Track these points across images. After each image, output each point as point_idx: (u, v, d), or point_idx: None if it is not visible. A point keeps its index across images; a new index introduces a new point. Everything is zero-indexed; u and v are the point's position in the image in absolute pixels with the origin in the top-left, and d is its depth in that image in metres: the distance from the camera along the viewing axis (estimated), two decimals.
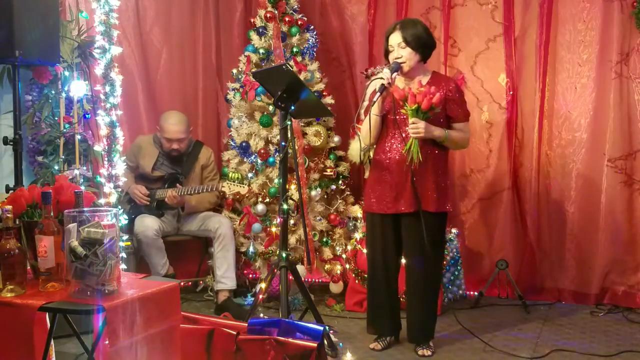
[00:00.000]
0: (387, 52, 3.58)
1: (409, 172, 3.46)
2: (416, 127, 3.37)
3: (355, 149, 3.70)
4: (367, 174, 3.71)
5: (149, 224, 4.27)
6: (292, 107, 3.42)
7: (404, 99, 3.35)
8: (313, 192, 4.51)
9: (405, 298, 3.70)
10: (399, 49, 3.49)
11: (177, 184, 4.42)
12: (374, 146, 3.61)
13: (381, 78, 3.44)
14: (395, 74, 3.47)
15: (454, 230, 4.59)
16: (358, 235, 4.47)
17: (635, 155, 4.41)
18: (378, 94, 3.43)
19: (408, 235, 3.55)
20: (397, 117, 3.49)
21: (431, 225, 3.47)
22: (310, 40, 4.68)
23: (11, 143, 3.83)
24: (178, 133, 4.42)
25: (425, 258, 3.51)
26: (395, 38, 3.50)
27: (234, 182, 4.22)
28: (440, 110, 3.44)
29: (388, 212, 3.55)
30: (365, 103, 3.56)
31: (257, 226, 4.49)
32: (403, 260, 3.71)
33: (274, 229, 4.46)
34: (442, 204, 3.52)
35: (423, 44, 3.50)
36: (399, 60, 3.49)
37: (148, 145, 4.53)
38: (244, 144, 4.59)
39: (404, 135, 3.48)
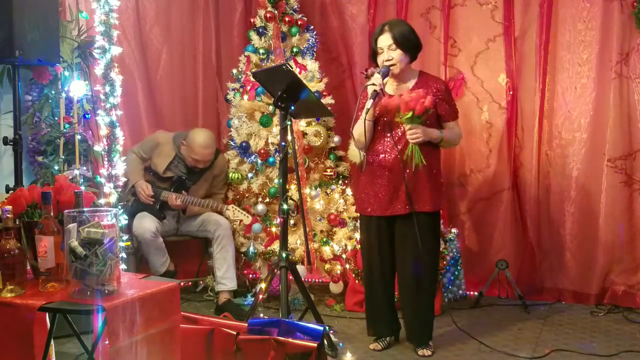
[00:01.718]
0: (374, 55, 3.57)
1: (402, 174, 3.46)
2: (414, 133, 3.37)
3: (355, 150, 3.69)
4: None
5: (146, 227, 4.26)
6: (292, 107, 3.42)
7: (397, 108, 3.34)
8: (313, 192, 4.51)
9: (401, 300, 3.69)
10: (389, 51, 3.48)
11: (183, 190, 4.40)
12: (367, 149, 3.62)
13: (373, 84, 3.44)
14: (386, 78, 3.47)
15: (454, 230, 4.59)
16: (358, 235, 4.47)
17: (635, 155, 4.40)
18: (371, 100, 3.42)
19: (403, 237, 3.55)
20: (389, 119, 3.49)
21: (426, 225, 3.47)
22: (310, 40, 4.68)
23: (11, 143, 3.84)
24: (208, 156, 4.39)
25: (420, 260, 3.50)
26: (385, 40, 3.48)
27: (239, 210, 4.23)
28: (433, 112, 3.45)
29: (384, 215, 3.54)
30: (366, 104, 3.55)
31: (257, 226, 4.49)
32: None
33: (274, 229, 4.46)
34: (437, 203, 3.52)
35: (412, 45, 3.50)
36: (389, 63, 3.48)
37: (166, 144, 4.47)
38: (244, 144, 4.59)
39: (395, 138, 3.48)
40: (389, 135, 3.50)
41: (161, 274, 4.27)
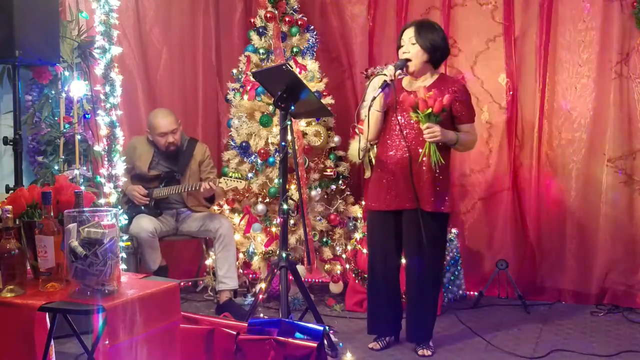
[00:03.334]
0: (399, 47, 3.57)
1: (409, 171, 3.45)
2: (432, 131, 3.34)
3: (355, 149, 3.69)
4: (367, 174, 3.69)
5: (144, 226, 4.26)
6: (292, 107, 3.42)
7: (415, 105, 3.34)
8: (313, 192, 4.51)
9: (405, 297, 3.70)
10: (409, 45, 3.48)
11: (173, 184, 4.42)
12: (376, 143, 3.60)
13: (384, 74, 3.44)
14: (399, 71, 3.46)
15: (454, 230, 4.59)
16: (358, 235, 4.47)
17: (635, 155, 4.41)
18: (379, 90, 3.42)
19: (408, 232, 3.55)
20: (399, 115, 3.49)
21: (429, 224, 3.46)
22: (310, 40, 4.68)
23: (11, 143, 3.84)
24: (170, 124, 4.39)
25: (422, 257, 3.50)
26: (408, 33, 3.50)
27: (231, 177, 4.22)
28: (447, 113, 3.44)
29: (389, 209, 3.54)
30: (366, 103, 3.54)
31: (257, 226, 4.49)
32: (403, 260, 3.70)
33: (274, 229, 4.46)
34: (439, 205, 3.49)
35: (434, 47, 3.46)
36: (406, 56, 3.48)
37: (142, 145, 4.52)
38: (244, 144, 4.59)
39: (404, 132, 3.46)
40: (398, 132, 3.49)
41: (154, 271, 4.27)
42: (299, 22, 4.62)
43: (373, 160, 3.62)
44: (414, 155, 3.44)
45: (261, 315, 4.16)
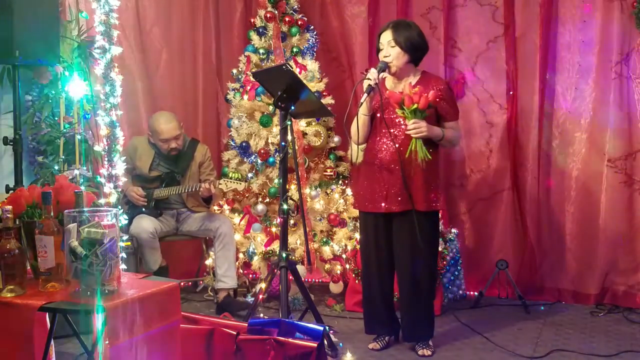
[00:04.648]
0: (378, 50, 3.58)
1: (399, 171, 3.45)
2: (418, 127, 3.36)
3: (354, 150, 3.70)
4: None
5: (144, 227, 4.26)
6: (292, 107, 3.42)
7: (401, 102, 3.35)
8: (313, 192, 4.52)
9: (399, 299, 3.69)
10: (388, 48, 3.49)
11: (174, 184, 4.42)
12: (364, 145, 3.62)
13: (368, 79, 3.44)
14: (382, 73, 3.47)
15: (454, 230, 4.59)
16: (358, 235, 4.47)
17: (635, 155, 4.40)
18: (365, 94, 3.43)
19: (399, 234, 3.54)
20: (386, 116, 3.49)
21: (422, 224, 3.46)
22: (310, 40, 4.68)
23: (11, 143, 3.84)
24: (173, 130, 4.39)
25: (416, 258, 3.50)
26: (386, 36, 3.50)
27: (231, 179, 4.22)
28: (433, 111, 3.45)
29: (379, 212, 3.54)
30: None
31: (257, 226, 4.49)
32: None
33: (274, 229, 4.46)
34: (431, 203, 3.50)
35: (413, 46, 3.48)
36: (387, 59, 3.49)
37: (143, 146, 4.51)
38: (244, 144, 4.59)
39: (394, 133, 3.47)
40: (386, 132, 3.50)
41: (155, 271, 4.28)
42: (299, 22, 4.62)
43: None
44: (404, 156, 3.44)
45: (261, 315, 4.16)
